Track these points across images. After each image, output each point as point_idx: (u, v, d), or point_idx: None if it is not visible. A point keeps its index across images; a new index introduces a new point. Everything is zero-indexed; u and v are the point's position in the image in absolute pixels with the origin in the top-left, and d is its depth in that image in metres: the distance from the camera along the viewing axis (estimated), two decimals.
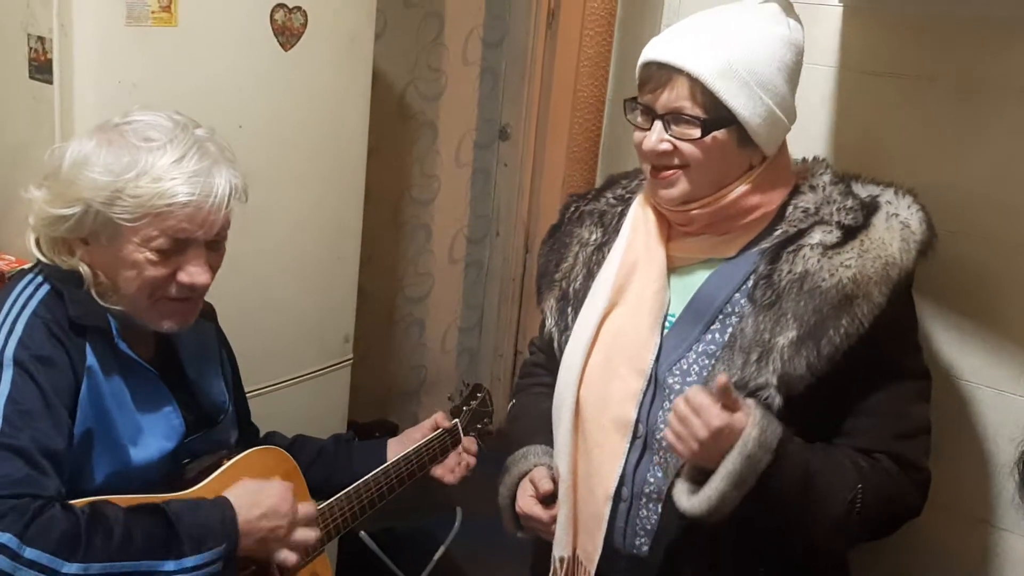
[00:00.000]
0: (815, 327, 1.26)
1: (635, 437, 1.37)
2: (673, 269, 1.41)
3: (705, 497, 1.22)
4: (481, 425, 1.86)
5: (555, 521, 1.43)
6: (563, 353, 1.45)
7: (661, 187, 1.35)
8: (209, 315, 1.57)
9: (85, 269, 1.33)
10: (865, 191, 1.37)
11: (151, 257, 1.30)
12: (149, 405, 1.39)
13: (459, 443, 1.77)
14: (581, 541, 1.43)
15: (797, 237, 1.32)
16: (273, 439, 1.70)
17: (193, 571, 1.25)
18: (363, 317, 2.56)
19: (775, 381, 1.26)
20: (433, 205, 3.41)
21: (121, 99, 1.74)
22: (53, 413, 1.25)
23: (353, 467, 1.66)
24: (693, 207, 1.35)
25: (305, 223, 2.23)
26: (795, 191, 1.38)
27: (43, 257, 1.35)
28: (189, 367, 1.50)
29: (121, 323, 1.35)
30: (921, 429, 1.35)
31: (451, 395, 1.98)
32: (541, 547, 1.50)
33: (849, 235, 1.30)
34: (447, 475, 1.73)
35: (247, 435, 1.66)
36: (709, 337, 1.35)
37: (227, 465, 1.45)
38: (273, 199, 2.11)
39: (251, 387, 1.80)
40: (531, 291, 3.72)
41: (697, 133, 1.28)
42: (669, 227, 1.42)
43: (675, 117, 1.29)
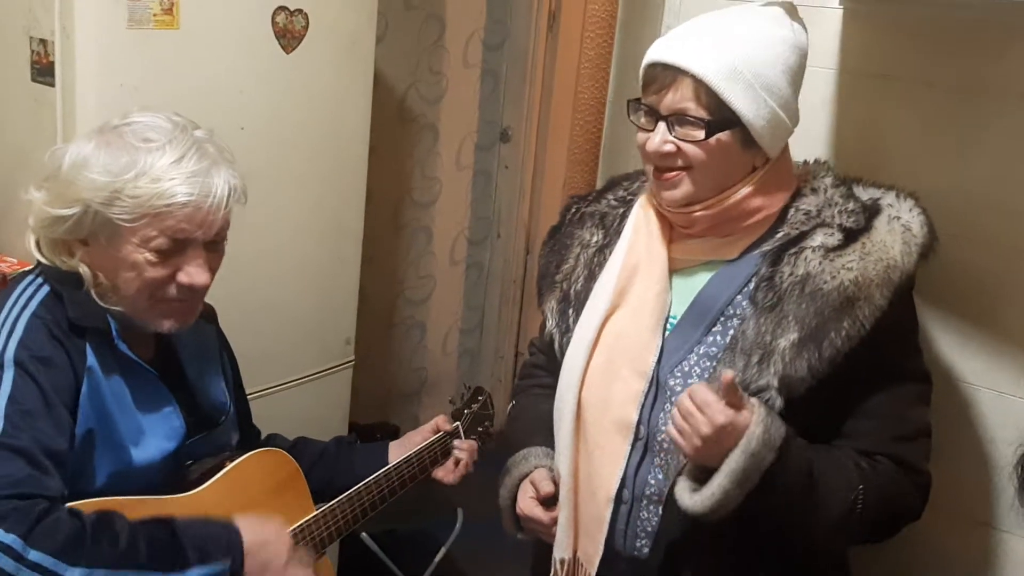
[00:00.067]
0: (816, 329, 1.26)
1: (636, 439, 1.36)
2: (675, 271, 1.41)
3: (708, 495, 1.22)
4: (482, 428, 1.86)
5: (556, 523, 1.43)
6: (564, 355, 1.45)
7: (664, 189, 1.35)
8: (210, 317, 1.57)
9: (85, 270, 1.33)
10: (866, 194, 1.37)
11: (150, 258, 1.31)
12: (149, 406, 1.39)
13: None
14: (582, 543, 1.42)
15: (799, 239, 1.32)
16: (274, 441, 1.70)
17: None
18: (364, 319, 2.56)
19: (776, 383, 1.26)
20: (434, 207, 3.41)
21: (123, 102, 1.74)
22: (54, 413, 1.25)
23: (355, 470, 1.66)
24: (696, 209, 1.35)
25: (306, 225, 2.24)
26: (797, 194, 1.38)
27: (43, 258, 1.35)
28: (189, 368, 1.50)
29: (121, 324, 1.35)
30: (922, 432, 1.35)
31: (452, 398, 1.98)
32: (541, 548, 1.50)
33: (851, 238, 1.30)
34: (447, 476, 1.73)
35: (248, 437, 1.66)
36: (710, 339, 1.35)
37: (230, 467, 1.45)
38: (274, 201, 2.11)
39: (252, 389, 1.80)
40: (532, 293, 3.73)
41: (701, 135, 1.28)
42: (671, 229, 1.42)
43: (679, 118, 1.29)
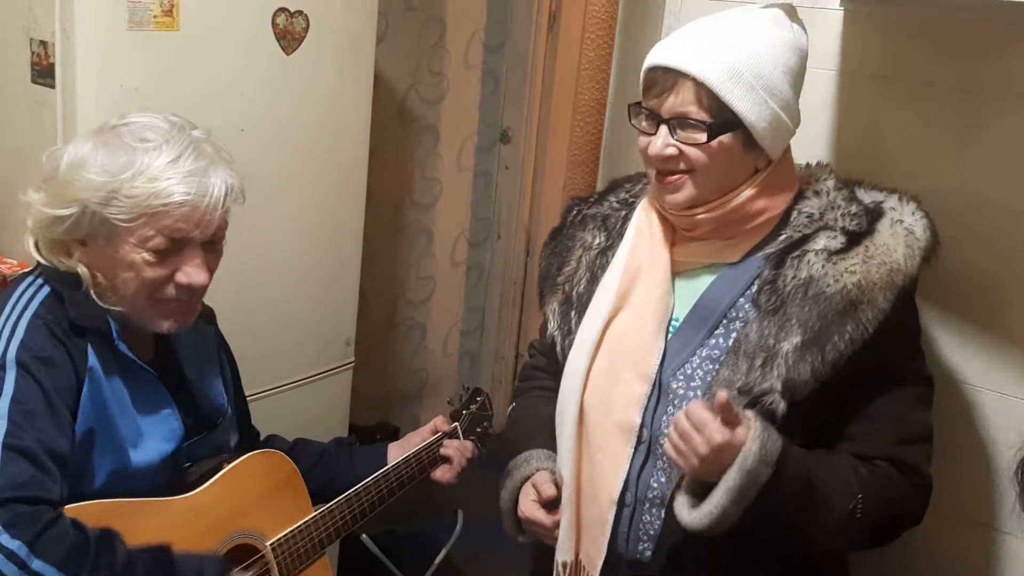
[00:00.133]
0: (819, 333, 1.26)
1: (639, 442, 1.36)
2: (677, 273, 1.41)
3: (706, 512, 1.23)
4: (481, 429, 1.86)
5: (558, 526, 1.43)
6: (566, 357, 1.45)
7: (667, 192, 1.35)
8: (209, 318, 1.57)
9: (83, 270, 1.33)
10: (869, 197, 1.37)
11: (148, 258, 1.31)
12: (148, 407, 1.39)
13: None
14: (584, 546, 1.42)
15: (801, 242, 1.32)
16: (273, 442, 1.69)
17: None
18: (364, 320, 2.56)
19: (780, 386, 1.26)
20: (434, 209, 3.41)
21: (123, 103, 1.74)
22: (56, 414, 1.25)
23: (354, 471, 1.66)
24: (699, 211, 1.35)
25: (306, 227, 2.23)
26: (799, 196, 1.38)
27: (42, 259, 1.35)
28: (188, 369, 1.50)
29: (120, 324, 1.35)
30: (923, 435, 1.35)
31: (451, 399, 1.98)
32: (542, 551, 1.49)
33: (853, 241, 1.30)
34: (443, 475, 1.72)
35: (248, 438, 1.66)
36: (713, 342, 1.35)
37: (227, 469, 1.45)
38: (274, 203, 2.11)
39: (252, 390, 1.80)
40: (532, 294, 3.74)
41: (703, 137, 1.28)
42: (673, 231, 1.42)
43: (681, 121, 1.29)
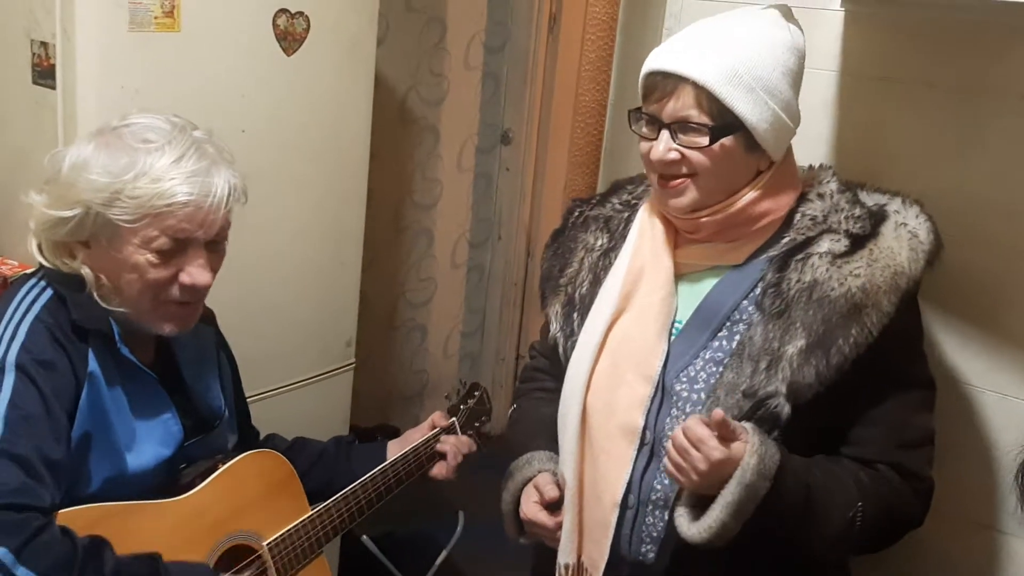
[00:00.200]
0: (824, 336, 1.26)
1: (642, 444, 1.36)
2: (680, 276, 1.41)
3: (706, 526, 1.23)
4: (479, 423, 1.85)
5: (560, 528, 1.43)
6: (569, 359, 1.45)
7: (670, 196, 1.34)
8: (208, 319, 1.56)
9: (87, 272, 1.33)
10: (871, 200, 1.37)
11: (152, 259, 1.31)
12: (148, 411, 1.39)
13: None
14: (586, 548, 1.42)
15: (805, 245, 1.32)
16: (273, 441, 1.70)
17: None
18: (365, 321, 2.56)
19: (784, 390, 1.26)
20: (435, 209, 3.41)
21: (124, 104, 1.73)
22: (53, 419, 1.25)
23: (353, 469, 1.66)
24: (702, 215, 1.35)
25: (307, 228, 2.23)
26: (802, 198, 1.38)
27: (45, 261, 1.35)
28: (187, 372, 1.50)
29: (122, 327, 1.35)
30: (925, 438, 1.36)
31: (448, 394, 1.97)
32: (542, 552, 1.49)
33: (857, 244, 1.30)
34: (440, 472, 1.71)
35: (247, 438, 1.66)
36: (717, 344, 1.35)
37: (222, 470, 1.45)
38: (275, 204, 2.11)
39: (253, 391, 1.80)
40: (533, 295, 3.74)
41: (705, 141, 1.28)
42: (676, 234, 1.42)
43: (682, 126, 1.29)
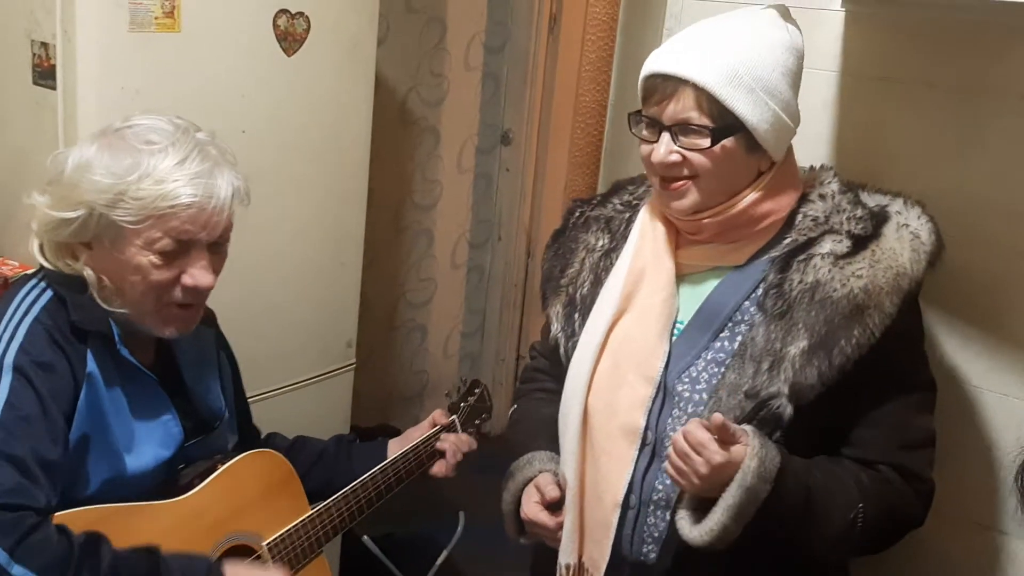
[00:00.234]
0: (826, 337, 1.26)
1: (644, 444, 1.36)
2: (682, 276, 1.41)
3: (707, 529, 1.23)
4: (479, 420, 1.85)
5: (561, 528, 1.43)
6: (570, 360, 1.45)
7: (672, 199, 1.34)
8: (209, 320, 1.56)
9: (89, 273, 1.33)
10: (872, 200, 1.37)
11: (154, 260, 1.31)
12: (148, 412, 1.39)
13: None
14: (587, 548, 1.42)
15: (807, 246, 1.32)
16: (274, 440, 1.70)
17: None
18: (365, 322, 2.56)
19: (787, 390, 1.27)
20: (435, 210, 3.41)
21: (124, 105, 1.74)
22: (50, 421, 1.24)
23: (354, 468, 1.66)
24: (704, 216, 1.35)
25: (307, 228, 2.23)
26: (803, 199, 1.38)
27: (47, 263, 1.35)
28: (187, 373, 1.50)
29: (123, 329, 1.35)
30: (926, 440, 1.36)
31: (448, 391, 1.97)
32: (542, 552, 1.49)
33: (859, 245, 1.30)
34: (439, 470, 1.71)
35: (248, 437, 1.66)
36: (718, 345, 1.35)
37: (221, 470, 1.45)
38: (276, 204, 2.11)
39: (253, 392, 1.79)
40: (533, 296, 3.74)
41: (706, 143, 1.28)
42: (677, 234, 1.42)
43: (682, 128, 1.29)
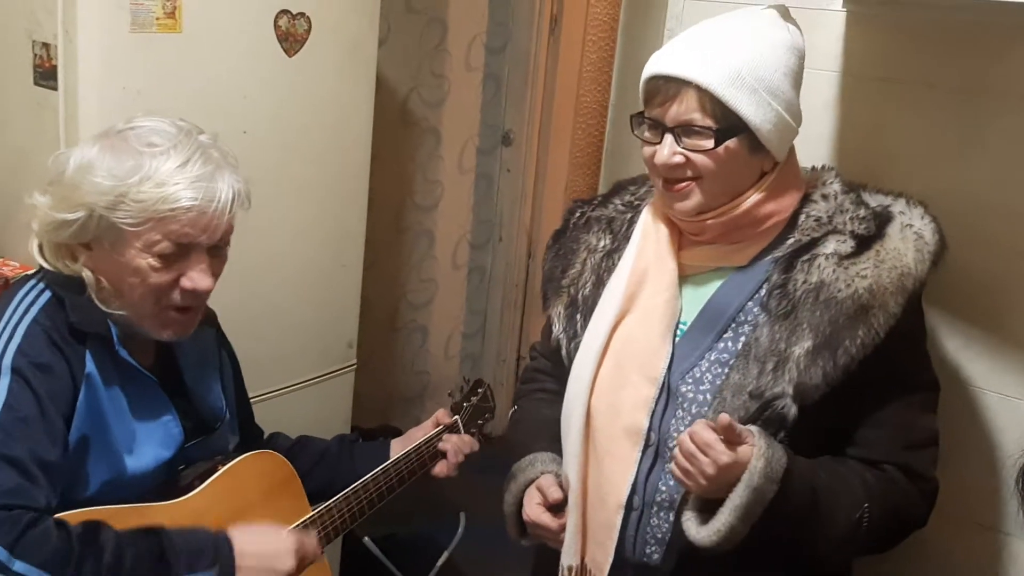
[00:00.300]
0: (831, 337, 1.26)
1: (647, 445, 1.36)
2: (685, 277, 1.40)
3: (714, 529, 1.23)
4: (482, 420, 1.85)
5: (564, 529, 1.42)
6: (572, 360, 1.45)
7: (676, 200, 1.34)
8: (210, 320, 1.56)
9: (88, 275, 1.33)
10: (874, 200, 1.37)
11: (154, 263, 1.30)
12: (148, 413, 1.39)
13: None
14: (590, 550, 1.42)
15: (810, 246, 1.32)
16: (276, 440, 1.70)
17: None
18: (366, 323, 2.55)
19: (791, 391, 1.27)
20: (436, 211, 3.41)
21: (125, 105, 1.74)
22: (49, 422, 1.24)
23: (356, 468, 1.65)
24: (707, 217, 1.34)
25: (308, 229, 2.23)
26: (806, 200, 1.38)
27: (46, 263, 1.35)
28: (188, 374, 1.50)
29: (122, 330, 1.35)
30: (930, 439, 1.36)
31: (451, 391, 1.97)
32: (543, 554, 1.49)
33: (863, 245, 1.30)
34: (440, 470, 1.71)
35: (251, 437, 1.66)
36: (722, 345, 1.35)
37: (222, 471, 1.45)
38: (277, 205, 2.11)
39: (254, 393, 1.79)
40: (534, 296, 3.74)
41: (710, 144, 1.28)
42: (680, 235, 1.42)
43: (686, 129, 1.29)
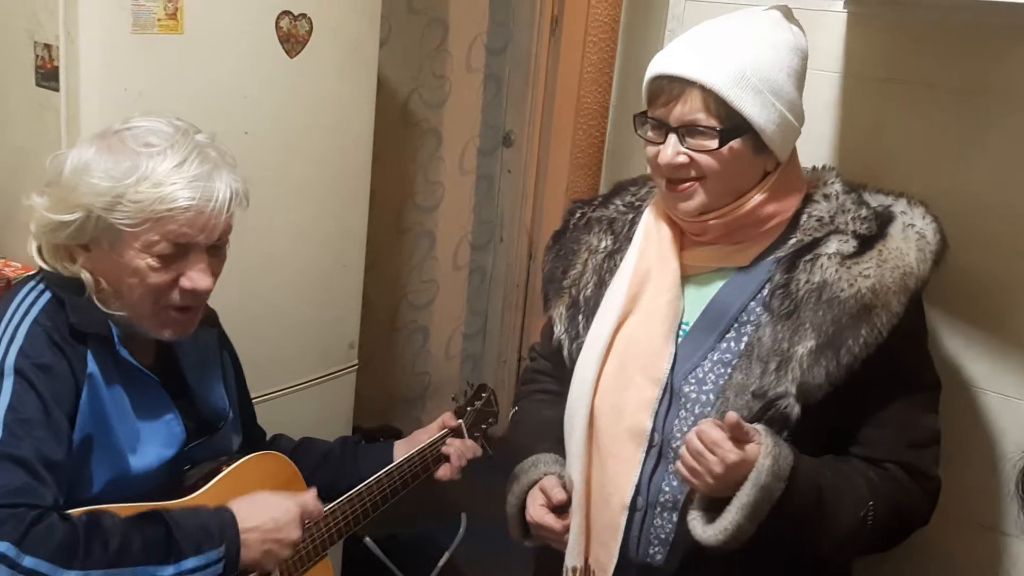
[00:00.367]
0: (834, 337, 1.26)
1: (650, 446, 1.36)
2: (687, 278, 1.40)
3: (721, 528, 1.23)
4: (486, 425, 1.84)
5: (567, 530, 1.42)
6: (574, 361, 1.44)
7: (679, 200, 1.34)
8: (211, 320, 1.56)
9: (87, 276, 1.33)
10: (875, 200, 1.37)
11: (152, 263, 1.30)
12: (150, 412, 1.39)
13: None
14: (594, 551, 1.42)
15: (813, 246, 1.32)
16: (279, 441, 1.70)
17: (192, 573, 1.25)
18: (367, 323, 2.55)
19: (794, 390, 1.27)
20: (437, 212, 3.41)
21: (127, 106, 1.74)
22: (53, 422, 1.25)
23: (359, 470, 1.65)
24: (710, 217, 1.35)
25: (310, 230, 2.23)
26: (808, 200, 1.38)
27: (45, 264, 1.35)
28: (190, 374, 1.50)
29: (122, 330, 1.35)
30: (932, 438, 1.36)
31: (455, 395, 1.97)
32: (545, 555, 1.49)
33: (865, 245, 1.30)
34: (443, 473, 1.71)
35: (253, 438, 1.66)
36: (724, 346, 1.35)
37: (226, 471, 1.45)
38: (278, 206, 2.11)
39: (256, 393, 1.79)
40: (535, 297, 3.74)
41: (714, 144, 1.28)
42: (682, 235, 1.42)
43: (690, 129, 1.29)
